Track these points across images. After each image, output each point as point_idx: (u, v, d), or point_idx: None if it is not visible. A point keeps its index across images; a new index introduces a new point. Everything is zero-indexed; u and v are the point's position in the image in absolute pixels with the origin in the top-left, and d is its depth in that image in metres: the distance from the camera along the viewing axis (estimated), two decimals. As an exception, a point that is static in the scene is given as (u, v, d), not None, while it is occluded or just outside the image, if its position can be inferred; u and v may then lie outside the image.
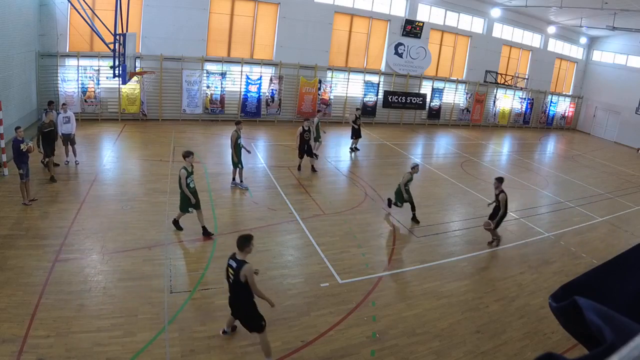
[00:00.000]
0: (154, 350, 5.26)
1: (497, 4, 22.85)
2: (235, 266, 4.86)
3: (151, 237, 8.00)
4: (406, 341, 5.99)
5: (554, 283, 8.01)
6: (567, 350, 6.00)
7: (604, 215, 12.36)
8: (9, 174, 10.10)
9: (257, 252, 7.92)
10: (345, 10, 20.28)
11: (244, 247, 4.87)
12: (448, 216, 11.10)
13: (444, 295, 7.25)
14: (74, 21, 14.64)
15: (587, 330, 0.98)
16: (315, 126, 14.19)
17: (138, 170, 11.96)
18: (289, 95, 19.76)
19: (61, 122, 11.18)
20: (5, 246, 7.17)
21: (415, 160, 9.45)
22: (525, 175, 16.05)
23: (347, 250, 8.32)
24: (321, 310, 6.42)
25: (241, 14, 18.46)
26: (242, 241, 4.88)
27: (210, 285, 6.74)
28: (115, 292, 6.30)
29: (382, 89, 21.95)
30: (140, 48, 16.20)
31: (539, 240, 10.06)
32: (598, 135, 28.43)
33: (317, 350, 5.58)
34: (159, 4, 16.56)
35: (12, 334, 5.18)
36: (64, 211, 8.73)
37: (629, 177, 17.88)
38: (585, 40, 28.33)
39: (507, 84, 24.79)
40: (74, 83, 15.79)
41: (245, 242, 4.87)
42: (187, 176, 7.81)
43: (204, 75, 17.78)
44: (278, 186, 11.43)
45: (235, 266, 4.86)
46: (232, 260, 4.93)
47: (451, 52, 24.05)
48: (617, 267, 1.18)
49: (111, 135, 14.87)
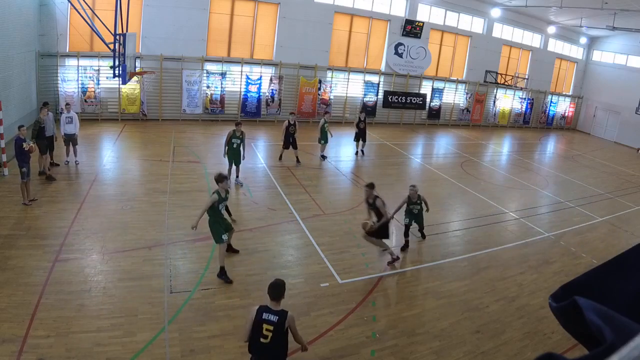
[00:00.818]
0: (154, 350, 5.26)
1: (497, 4, 22.85)
2: (276, 320, 4.10)
3: (151, 237, 8.00)
4: (406, 341, 5.99)
5: (554, 283, 8.01)
6: (567, 350, 6.00)
7: (604, 215, 12.36)
8: (9, 174, 10.10)
9: (257, 252, 7.95)
10: (345, 10, 20.28)
11: (281, 297, 4.21)
12: (448, 216, 11.09)
13: (444, 295, 7.25)
14: (74, 21, 14.64)
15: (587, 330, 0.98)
16: (320, 127, 14.12)
17: (138, 170, 11.96)
18: (289, 95, 19.76)
19: (64, 122, 11.19)
20: (5, 246, 7.17)
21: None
22: (525, 175, 16.05)
23: (347, 250, 8.32)
24: (321, 310, 6.42)
25: (241, 14, 18.46)
26: (278, 290, 4.19)
27: (210, 285, 6.73)
28: (115, 292, 6.30)
29: (382, 89, 21.95)
30: (140, 48, 16.21)
31: (539, 240, 10.06)
32: (598, 135, 28.43)
33: (317, 350, 5.57)
34: (159, 4, 16.56)
35: (12, 334, 5.18)
36: (64, 211, 8.73)
37: (629, 177, 17.88)
38: (585, 40, 28.34)
39: (507, 84, 24.79)
40: (74, 83, 15.79)
41: (281, 290, 4.21)
42: (220, 202, 6.83)
43: (204, 75, 17.78)
44: (278, 186, 11.43)
45: (276, 320, 4.10)
46: (269, 314, 4.11)
47: (451, 52, 24.05)
48: (617, 267, 1.18)
49: (111, 135, 14.87)
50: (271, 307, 4.16)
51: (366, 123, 15.19)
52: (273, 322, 4.09)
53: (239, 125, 10.84)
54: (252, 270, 7.30)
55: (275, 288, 4.20)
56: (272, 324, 4.09)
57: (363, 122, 14.95)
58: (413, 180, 14.33)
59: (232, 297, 6.50)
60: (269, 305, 4.18)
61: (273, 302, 4.19)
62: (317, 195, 11.20)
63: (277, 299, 4.19)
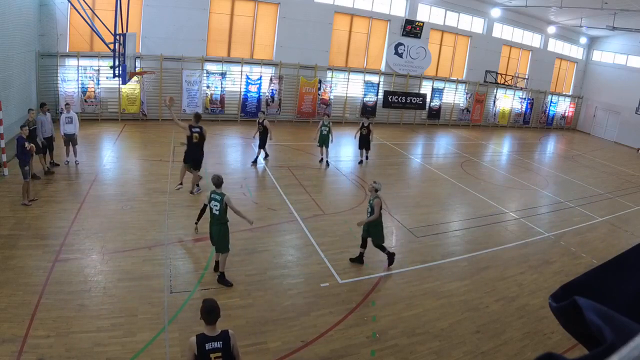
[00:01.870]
0: (154, 350, 5.26)
1: (497, 4, 22.84)
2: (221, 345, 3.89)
3: (151, 237, 8.00)
4: (406, 341, 5.99)
5: (554, 283, 8.01)
6: (567, 350, 6.00)
7: (604, 215, 12.36)
8: (9, 174, 10.10)
9: (257, 252, 7.95)
10: (345, 10, 20.28)
11: (217, 319, 3.96)
12: (448, 216, 11.09)
13: (444, 295, 7.25)
14: (74, 21, 14.64)
15: (587, 330, 0.98)
16: (318, 129, 13.69)
17: (138, 170, 11.96)
18: (289, 95, 19.76)
19: (63, 122, 11.20)
20: (5, 246, 7.17)
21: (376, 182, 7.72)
22: (525, 175, 16.05)
23: (347, 250, 8.31)
24: (321, 310, 6.42)
25: (241, 14, 18.46)
26: (214, 314, 3.93)
27: (210, 285, 6.73)
28: (115, 292, 6.30)
29: (382, 89, 21.94)
30: (140, 48, 16.20)
31: (539, 240, 10.06)
32: (598, 135, 28.43)
33: (317, 350, 5.58)
34: (159, 4, 16.56)
35: (12, 334, 5.18)
36: (64, 211, 8.73)
37: (629, 177, 17.88)
38: (585, 40, 28.33)
39: (507, 84, 24.79)
40: (74, 83, 15.79)
41: (217, 313, 3.96)
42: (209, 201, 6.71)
43: (204, 75, 17.78)
44: (278, 186, 11.43)
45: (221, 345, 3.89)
46: (212, 342, 3.90)
47: (451, 52, 24.05)
48: (617, 267, 1.18)
49: (111, 135, 14.87)
50: (210, 335, 3.86)
51: (369, 129, 14.00)
52: (219, 349, 3.84)
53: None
54: (252, 270, 7.30)
55: (211, 313, 3.88)
56: (218, 350, 3.83)
57: (366, 128, 13.97)
58: (413, 180, 14.38)
59: (232, 297, 6.50)
60: (206, 333, 3.87)
61: (209, 327, 3.88)
62: (317, 195, 11.19)
63: (213, 323, 3.90)
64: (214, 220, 6.70)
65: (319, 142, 13.78)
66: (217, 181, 6.70)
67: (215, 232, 6.71)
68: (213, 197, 6.63)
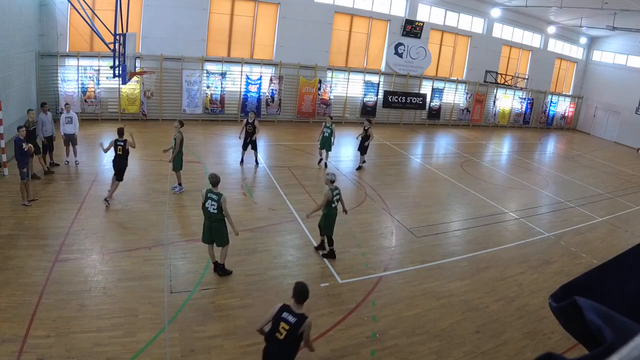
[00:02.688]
0: (154, 350, 5.26)
1: (497, 4, 22.85)
2: (293, 322, 4.23)
3: (151, 237, 8.00)
4: (406, 341, 5.99)
5: (554, 283, 8.01)
6: (567, 350, 6.01)
7: (604, 215, 12.36)
8: (9, 174, 10.10)
9: (257, 252, 7.95)
10: (345, 10, 20.28)
11: (304, 301, 4.35)
12: (448, 216, 11.09)
13: (444, 295, 7.25)
14: (74, 21, 14.63)
15: (587, 330, 0.98)
16: (321, 131, 13.40)
17: (138, 170, 11.96)
18: (289, 95, 19.76)
19: (63, 122, 11.20)
20: (5, 246, 7.17)
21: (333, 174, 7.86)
22: (525, 175, 16.05)
23: (347, 250, 8.32)
24: (321, 310, 6.42)
25: (241, 14, 18.46)
26: (303, 296, 4.34)
27: (210, 285, 6.74)
28: (115, 292, 6.30)
29: (382, 89, 21.94)
30: (140, 48, 16.21)
31: (539, 240, 10.06)
32: (598, 135, 28.44)
33: (317, 350, 5.56)
34: (159, 4, 16.56)
35: (12, 334, 5.18)
36: (64, 211, 8.72)
37: (629, 177, 17.89)
38: (585, 40, 28.33)
39: (507, 84, 24.79)
40: (74, 83, 15.78)
41: (306, 295, 4.35)
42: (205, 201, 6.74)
43: (204, 75, 17.78)
44: (278, 186, 11.43)
45: (293, 322, 4.23)
46: (289, 315, 4.26)
47: (451, 52, 24.05)
48: (617, 267, 1.18)
49: (111, 135, 14.74)
50: (293, 309, 4.33)
51: (368, 134, 13.48)
52: (290, 323, 4.26)
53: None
54: (252, 270, 7.30)
55: (301, 294, 4.36)
56: (289, 323, 4.26)
57: (365, 131, 13.48)
58: (413, 180, 14.38)
59: (232, 297, 6.50)
60: (291, 306, 4.35)
61: (296, 305, 4.35)
62: (317, 196, 11.18)
63: (300, 303, 4.36)
64: (210, 219, 6.73)
65: (320, 145, 13.59)
66: (215, 180, 6.73)
67: (213, 229, 6.77)
68: (210, 196, 6.65)
